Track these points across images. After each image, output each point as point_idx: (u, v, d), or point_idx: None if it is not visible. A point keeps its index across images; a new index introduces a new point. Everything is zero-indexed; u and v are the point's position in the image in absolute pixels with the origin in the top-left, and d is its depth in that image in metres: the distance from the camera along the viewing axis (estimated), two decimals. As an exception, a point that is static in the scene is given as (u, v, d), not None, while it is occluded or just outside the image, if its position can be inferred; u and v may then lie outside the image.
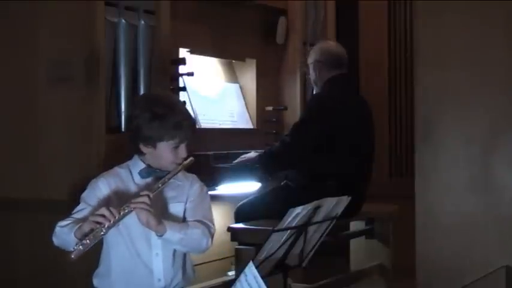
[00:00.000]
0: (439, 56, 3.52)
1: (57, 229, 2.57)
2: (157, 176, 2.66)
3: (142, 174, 2.68)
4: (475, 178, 3.44)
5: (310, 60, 4.14)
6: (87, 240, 2.41)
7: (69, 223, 2.56)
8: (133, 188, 2.69)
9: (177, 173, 2.65)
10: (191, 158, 2.68)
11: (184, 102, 2.75)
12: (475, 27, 3.44)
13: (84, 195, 2.69)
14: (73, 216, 2.62)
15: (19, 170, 3.60)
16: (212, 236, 2.69)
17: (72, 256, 2.39)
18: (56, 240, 2.59)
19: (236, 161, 3.98)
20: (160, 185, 2.59)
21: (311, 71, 4.14)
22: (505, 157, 3.39)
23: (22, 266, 3.55)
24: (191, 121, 2.70)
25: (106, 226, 2.44)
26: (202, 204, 2.76)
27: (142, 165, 2.69)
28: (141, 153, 2.69)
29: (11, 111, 3.65)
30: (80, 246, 2.40)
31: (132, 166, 2.72)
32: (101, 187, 2.68)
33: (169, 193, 2.71)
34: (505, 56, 3.38)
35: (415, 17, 3.71)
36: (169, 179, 2.62)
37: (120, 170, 2.74)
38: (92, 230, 2.44)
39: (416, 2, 3.66)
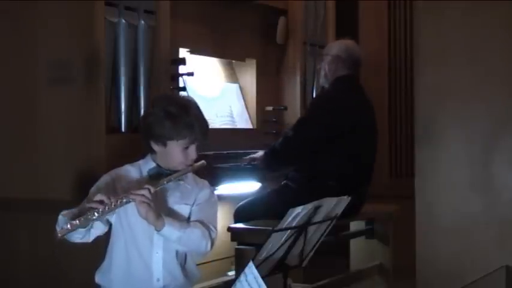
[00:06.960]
0: (439, 55, 3.52)
1: (59, 217, 2.60)
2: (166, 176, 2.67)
3: (150, 173, 2.70)
4: (475, 178, 3.43)
5: (331, 52, 4.08)
6: (77, 221, 2.43)
7: (70, 212, 2.58)
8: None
9: (185, 173, 2.66)
10: (202, 161, 2.69)
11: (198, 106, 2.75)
12: (475, 27, 3.43)
13: (91, 190, 2.72)
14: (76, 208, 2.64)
15: (19, 170, 3.60)
16: (213, 240, 2.69)
17: (59, 234, 2.42)
18: (58, 228, 2.60)
19: (245, 161, 4.01)
20: (165, 182, 2.60)
21: (325, 63, 4.08)
22: (505, 157, 3.38)
23: (22, 266, 3.55)
24: (203, 123, 2.71)
25: (100, 211, 2.45)
26: (208, 209, 2.76)
27: (152, 165, 2.71)
28: (153, 152, 2.71)
29: (10, 111, 3.64)
30: (68, 225, 2.42)
31: (143, 165, 2.75)
32: (109, 183, 2.70)
33: (177, 195, 2.72)
34: (505, 56, 3.38)
35: (415, 17, 3.70)
36: (176, 177, 2.63)
37: (130, 168, 2.76)
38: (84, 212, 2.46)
39: (417, 1, 3.65)
